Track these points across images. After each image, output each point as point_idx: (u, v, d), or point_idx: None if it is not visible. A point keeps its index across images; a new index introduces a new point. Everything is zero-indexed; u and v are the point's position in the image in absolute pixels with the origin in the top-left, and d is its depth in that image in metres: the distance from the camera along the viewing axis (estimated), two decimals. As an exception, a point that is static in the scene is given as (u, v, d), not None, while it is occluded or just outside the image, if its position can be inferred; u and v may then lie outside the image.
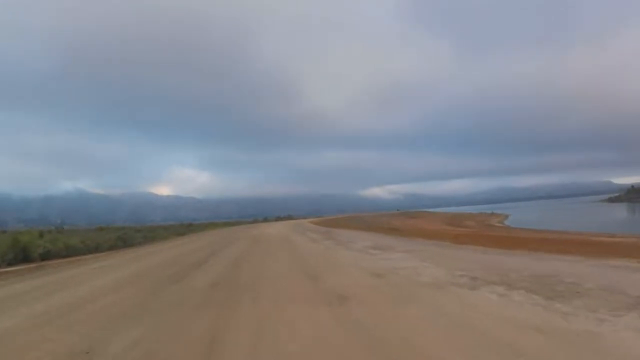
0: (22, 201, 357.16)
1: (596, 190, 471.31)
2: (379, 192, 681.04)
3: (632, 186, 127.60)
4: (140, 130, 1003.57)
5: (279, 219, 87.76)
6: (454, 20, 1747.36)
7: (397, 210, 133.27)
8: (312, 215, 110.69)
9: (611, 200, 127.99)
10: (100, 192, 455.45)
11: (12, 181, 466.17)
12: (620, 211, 76.93)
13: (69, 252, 21.28)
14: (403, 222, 47.34)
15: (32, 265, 16.38)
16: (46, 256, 19.03)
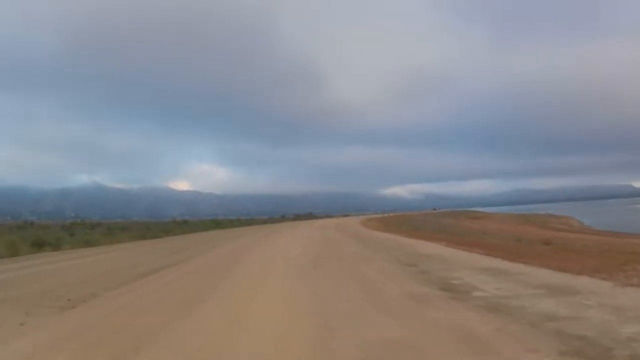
0: (37, 194, 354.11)
1: (616, 194, 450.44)
2: (400, 191, 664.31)
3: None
4: (159, 122, 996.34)
5: (297, 217, 75.83)
6: (491, 7, 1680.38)
7: (434, 209, 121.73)
8: (336, 215, 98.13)
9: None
10: (117, 186, 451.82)
11: (27, 173, 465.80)
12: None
13: None
14: (478, 224, 34.89)
15: None
16: None
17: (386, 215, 74.86)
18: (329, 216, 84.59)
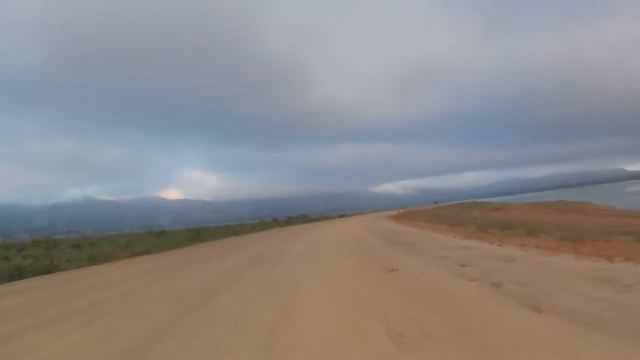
0: (29, 211, 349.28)
1: (609, 178, 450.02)
2: (391, 188, 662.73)
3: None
4: (147, 132, 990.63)
5: (290, 220, 71.15)
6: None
7: (435, 203, 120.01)
8: (332, 216, 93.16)
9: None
10: (108, 199, 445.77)
11: (18, 190, 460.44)
12: None
13: None
14: (512, 215, 30.25)
15: None
16: None
17: (401, 211, 70.78)
18: (326, 217, 79.83)
